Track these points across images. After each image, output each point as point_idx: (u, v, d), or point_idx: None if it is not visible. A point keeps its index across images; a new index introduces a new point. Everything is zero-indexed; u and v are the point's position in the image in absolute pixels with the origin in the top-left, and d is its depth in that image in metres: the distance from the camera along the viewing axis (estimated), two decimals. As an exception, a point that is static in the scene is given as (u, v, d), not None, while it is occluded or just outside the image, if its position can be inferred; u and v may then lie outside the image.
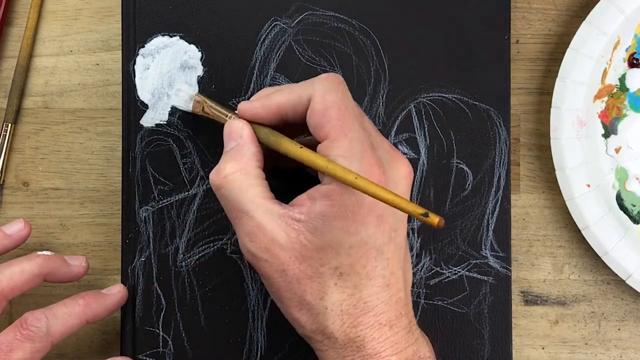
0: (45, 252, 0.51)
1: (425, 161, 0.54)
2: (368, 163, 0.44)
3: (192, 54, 0.54)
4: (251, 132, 0.48)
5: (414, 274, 0.54)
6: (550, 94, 0.55)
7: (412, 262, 0.54)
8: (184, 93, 0.52)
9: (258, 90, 0.54)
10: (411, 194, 0.54)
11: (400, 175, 0.46)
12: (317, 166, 0.44)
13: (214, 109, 0.50)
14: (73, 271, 0.52)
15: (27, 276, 0.50)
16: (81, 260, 0.53)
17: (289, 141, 0.47)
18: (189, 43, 0.54)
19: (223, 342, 0.54)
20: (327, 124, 0.45)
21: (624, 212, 0.56)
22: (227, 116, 0.49)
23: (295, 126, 0.48)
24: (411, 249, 0.54)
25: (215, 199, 0.52)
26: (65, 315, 0.50)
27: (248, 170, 0.46)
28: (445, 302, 0.54)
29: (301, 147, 0.46)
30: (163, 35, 0.54)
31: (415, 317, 0.53)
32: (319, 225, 0.44)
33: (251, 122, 0.48)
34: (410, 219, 0.54)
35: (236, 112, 0.49)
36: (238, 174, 0.46)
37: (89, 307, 0.51)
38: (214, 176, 0.47)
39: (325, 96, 0.45)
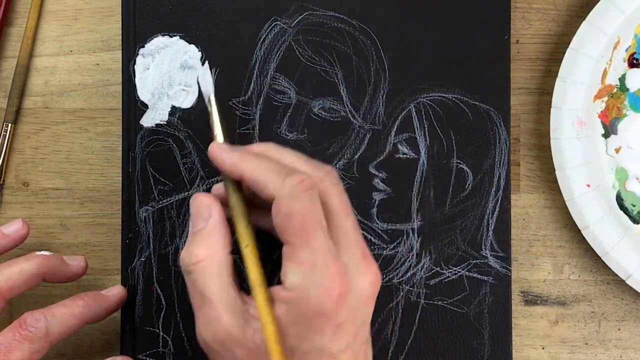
0: (44, 252, 0.51)
1: (425, 161, 0.54)
2: (329, 275, 0.43)
3: (192, 54, 0.54)
4: (220, 212, 0.46)
5: (414, 274, 0.54)
6: (550, 94, 0.55)
7: (412, 262, 0.54)
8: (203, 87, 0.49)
9: (258, 90, 0.54)
10: (412, 194, 0.54)
11: (365, 284, 0.45)
12: (251, 278, 0.44)
13: (213, 118, 0.48)
14: (72, 271, 0.52)
15: (26, 276, 0.50)
16: (80, 260, 0.53)
17: (244, 231, 0.45)
18: (189, 43, 0.54)
19: (223, 342, 0.54)
20: (290, 230, 0.44)
21: (624, 212, 0.56)
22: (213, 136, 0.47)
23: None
24: (411, 249, 0.54)
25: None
26: (65, 316, 0.49)
27: (218, 257, 0.45)
28: (445, 302, 0.54)
29: (246, 246, 0.45)
30: (163, 35, 0.54)
31: (415, 317, 0.53)
32: None
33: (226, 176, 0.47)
34: (410, 219, 0.54)
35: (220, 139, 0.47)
36: (208, 261, 0.45)
37: (88, 308, 0.50)
38: (186, 260, 0.45)
39: (291, 201, 0.44)
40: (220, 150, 0.47)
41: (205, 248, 0.45)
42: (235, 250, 0.46)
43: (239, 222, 0.45)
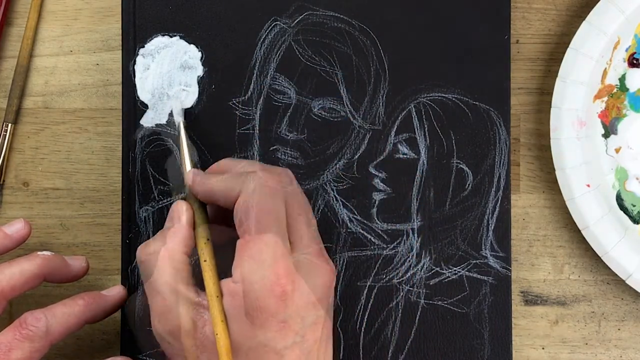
0: (45, 253, 0.51)
1: (425, 161, 0.54)
2: (275, 272, 0.44)
3: (192, 54, 0.54)
4: (189, 218, 0.48)
5: (414, 274, 0.54)
6: (550, 94, 0.55)
7: (412, 262, 0.54)
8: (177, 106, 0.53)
9: (258, 90, 0.54)
10: (412, 194, 0.54)
11: (316, 285, 0.46)
12: (207, 291, 0.46)
13: (183, 147, 0.51)
14: (73, 272, 0.52)
15: (26, 276, 0.50)
16: (81, 260, 0.53)
17: (204, 246, 0.47)
18: (189, 43, 0.54)
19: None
20: (245, 224, 0.45)
21: (624, 212, 0.56)
22: (187, 165, 0.50)
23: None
24: (411, 249, 0.54)
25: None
26: (65, 316, 0.50)
27: (172, 254, 0.47)
28: (445, 302, 0.54)
29: (205, 261, 0.47)
30: (163, 35, 0.54)
31: (415, 317, 0.53)
32: None
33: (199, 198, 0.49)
34: (410, 219, 0.54)
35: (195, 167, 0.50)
36: (161, 254, 0.47)
37: (89, 308, 0.51)
38: (140, 251, 0.48)
39: (250, 196, 0.46)
40: (191, 175, 0.49)
41: (162, 244, 0.47)
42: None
43: (200, 238, 0.48)
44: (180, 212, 0.48)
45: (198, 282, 0.47)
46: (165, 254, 0.47)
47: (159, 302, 0.47)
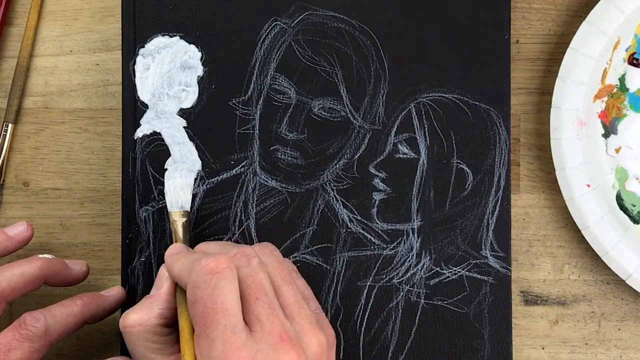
0: (46, 255, 0.51)
1: (425, 161, 0.54)
2: None
3: (192, 54, 0.54)
4: (169, 289, 0.48)
5: (414, 274, 0.54)
6: (550, 94, 0.55)
7: (412, 262, 0.54)
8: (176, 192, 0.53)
9: (258, 90, 0.54)
10: (412, 194, 0.54)
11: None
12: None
13: (177, 230, 0.51)
14: (73, 275, 0.52)
15: (27, 278, 0.50)
16: (81, 264, 0.53)
17: (184, 317, 0.47)
18: (189, 43, 0.54)
19: (223, 342, 0.54)
20: (194, 318, 0.45)
21: (624, 212, 0.56)
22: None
23: None
24: (411, 249, 0.54)
25: (215, 199, 0.52)
26: (64, 316, 0.50)
27: (148, 327, 0.47)
28: (445, 302, 0.54)
29: (183, 337, 0.46)
30: (163, 35, 0.54)
31: (415, 317, 0.53)
32: None
33: None
34: (410, 219, 0.54)
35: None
36: (136, 328, 0.47)
37: (88, 308, 0.51)
38: (121, 322, 0.48)
39: (195, 289, 0.45)
40: (167, 256, 0.50)
41: (139, 316, 0.48)
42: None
43: (181, 313, 0.48)
44: (162, 279, 0.49)
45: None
46: (141, 327, 0.47)
47: None
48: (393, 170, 0.54)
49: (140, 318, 0.48)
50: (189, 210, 0.52)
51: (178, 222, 0.51)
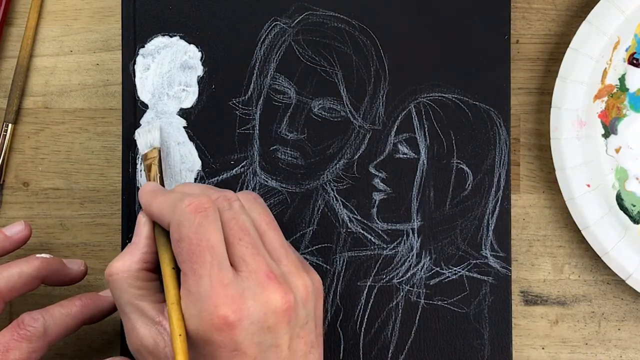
0: (44, 255, 0.51)
1: (425, 161, 0.54)
2: (212, 303, 0.43)
3: (192, 54, 0.54)
4: (148, 232, 0.48)
5: (414, 274, 0.54)
6: (550, 94, 0.55)
7: (412, 262, 0.54)
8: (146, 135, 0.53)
9: (258, 90, 0.54)
10: (412, 194, 0.54)
11: (267, 310, 0.44)
12: (167, 298, 0.45)
13: (150, 170, 0.51)
14: (71, 275, 0.53)
15: (25, 278, 0.50)
16: (80, 264, 0.53)
17: (165, 256, 0.47)
18: (189, 43, 0.54)
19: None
20: (180, 257, 0.45)
21: (624, 212, 0.56)
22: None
23: None
24: (411, 249, 0.54)
25: (215, 199, 0.52)
26: (62, 316, 0.50)
27: (131, 272, 0.47)
28: (445, 302, 0.54)
29: (172, 269, 0.46)
30: (163, 35, 0.54)
31: (415, 317, 0.53)
32: None
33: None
34: (410, 219, 0.54)
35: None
36: (120, 275, 0.47)
37: (86, 308, 0.51)
38: (106, 270, 0.48)
39: (179, 227, 0.45)
40: (142, 188, 0.50)
41: (122, 262, 0.47)
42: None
43: (161, 246, 0.47)
44: (140, 225, 0.48)
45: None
46: (124, 273, 0.47)
47: (125, 320, 0.47)
48: (393, 170, 0.54)
49: (123, 264, 0.47)
50: (158, 146, 0.52)
51: (150, 161, 0.51)
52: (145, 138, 0.53)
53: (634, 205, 0.56)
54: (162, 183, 0.51)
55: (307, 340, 0.46)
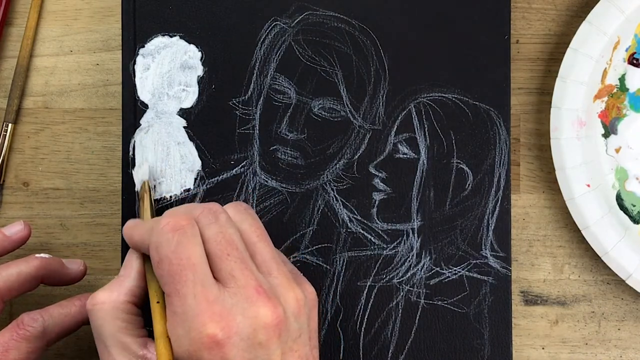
0: (43, 255, 0.51)
1: (425, 161, 0.54)
2: (200, 321, 0.43)
3: (192, 54, 0.54)
4: (139, 268, 0.48)
5: (414, 274, 0.54)
6: (550, 94, 0.55)
7: (412, 262, 0.54)
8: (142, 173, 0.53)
9: (258, 90, 0.54)
10: (412, 194, 0.54)
11: (256, 326, 0.44)
12: (155, 331, 0.45)
13: (145, 204, 0.51)
14: (70, 274, 0.52)
15: (23, 278, 0.50)
16: (79, 264, 0.53)
17: (154, 290, 0.47)
18: (189, 43, 0.54)
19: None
20: (162, 279, 0.44)
21: (624, 212, 0.56)
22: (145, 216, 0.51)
23: None
24: (411, 249, 0.54)
25: (215, 199, 0.52)
26: (62, 316, 0.50)
27: (117, 304, 0.46)
28: (445, 302, 0.54)
29: (157, 302, 0.46)
30: (163, 35, 0.54)
31: (415, 317, 0.53)
32: None
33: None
34: (410, 219, 0.54)
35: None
36: (105, 305, 0.46)
37: (85, 309, 0.51)
38: (89, 300, 0.47)
39: (158, 248, 0.44)
40: (126, 228, 0.49)
41: (108, 293, 0.47)
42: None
43: (151, 280, 0.47)
44: (130, 262, 0.48)
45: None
46: (109, 305, 0.46)
47: (104, 354, 0.46)
48: (393, 170, 0.54)
49: (110, 295, 0.47)
50: (146, 179, 0.52)
51: (142, 193, 0.51)
52: (137, 174, 0.53)
53: (634, 205, 0.56)
54: (153, 213, 0.51)
55: (300, 353, 0.45)
